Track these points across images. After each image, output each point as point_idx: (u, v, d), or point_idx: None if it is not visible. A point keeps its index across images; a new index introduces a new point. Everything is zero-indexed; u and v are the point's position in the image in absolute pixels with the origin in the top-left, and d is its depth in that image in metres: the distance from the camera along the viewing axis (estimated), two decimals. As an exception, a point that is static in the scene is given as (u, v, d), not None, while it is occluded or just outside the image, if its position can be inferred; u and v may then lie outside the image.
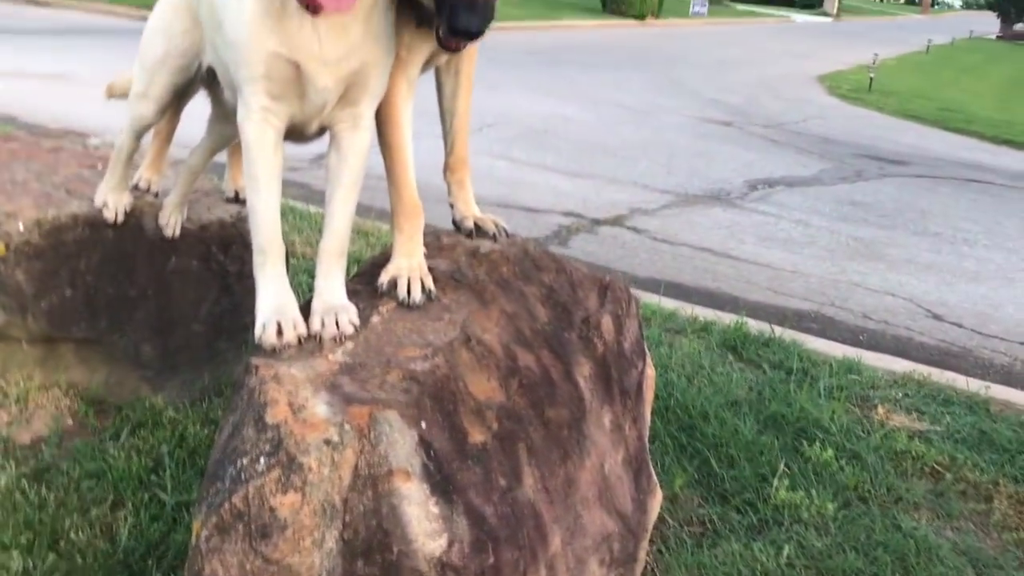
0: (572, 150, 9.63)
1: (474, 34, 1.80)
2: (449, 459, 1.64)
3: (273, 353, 1.72)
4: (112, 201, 2.66)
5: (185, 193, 2.73)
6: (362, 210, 5.42)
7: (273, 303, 1.81)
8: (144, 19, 2.59)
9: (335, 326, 1.78)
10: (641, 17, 32.46)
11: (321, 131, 1.99)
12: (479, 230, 2.25)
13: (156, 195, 2.81)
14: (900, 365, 4.20)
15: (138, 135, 2.54)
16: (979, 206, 9.17)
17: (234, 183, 3.00)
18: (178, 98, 2.47)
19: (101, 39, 14.04)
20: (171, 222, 2.73)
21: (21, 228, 2.59)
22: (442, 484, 1.60)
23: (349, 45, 1.75)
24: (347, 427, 1.53)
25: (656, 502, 2.41)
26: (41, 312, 2.67)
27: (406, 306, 1.90)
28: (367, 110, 1.91)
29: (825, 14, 52.20)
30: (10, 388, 2.78)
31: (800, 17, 47.47)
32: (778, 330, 4.34)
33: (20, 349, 2.77)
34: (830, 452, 3.14)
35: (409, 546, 1.54)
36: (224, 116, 2.45)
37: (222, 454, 1.58)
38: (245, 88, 1.78)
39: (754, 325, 4.37)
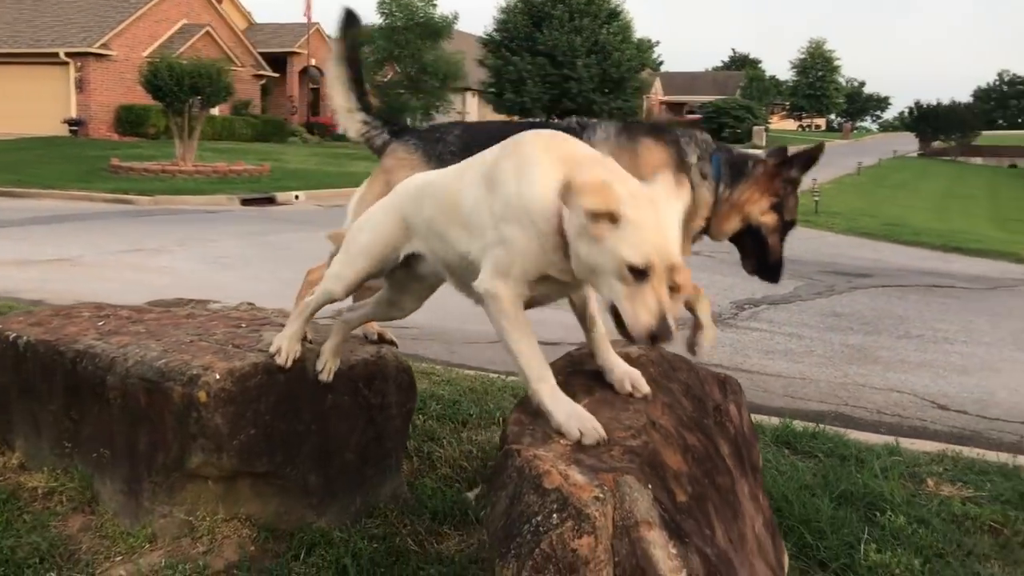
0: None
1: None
2: (672, 512, 2.08)
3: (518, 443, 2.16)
4: (285, 348, 3.10)
5: (339, 343, 3.17)
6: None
7: (566, 411, 2.23)
8: (120, 202, 3.06)
9: (635, 380, 2.44)
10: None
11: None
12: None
13: (311, 342, 3.26)
14: (932, 446, 4.70)
15: (323, 305, 2.99)
16: (949, 308, 9.90)
17: (369, 328, 3.47)
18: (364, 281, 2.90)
19: (91, 223, 14.59)
20: (327, 368, 3.16)
21: (217, 377, 3.02)
22: (676, 531, 2.03)
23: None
24: (604, 487, 1.97)
25: (786, 563, 2.82)
26: (234, 450, 3.05)
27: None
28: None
29: (755, 146, 55.01)
30: (200, 523, 3.13)
31: (733, 151, 49.84)
32: (817, 427, 4.83)
33: (206, 487, 3.14)
34: (901, 519, 3.58)
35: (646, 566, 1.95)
36: (393, 299, 2.95)
37: (507, 519, 1.99)
38: (510, 279, 2.24)
39: (797, 424, 4.85)
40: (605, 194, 1.98)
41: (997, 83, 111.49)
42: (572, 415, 2.21)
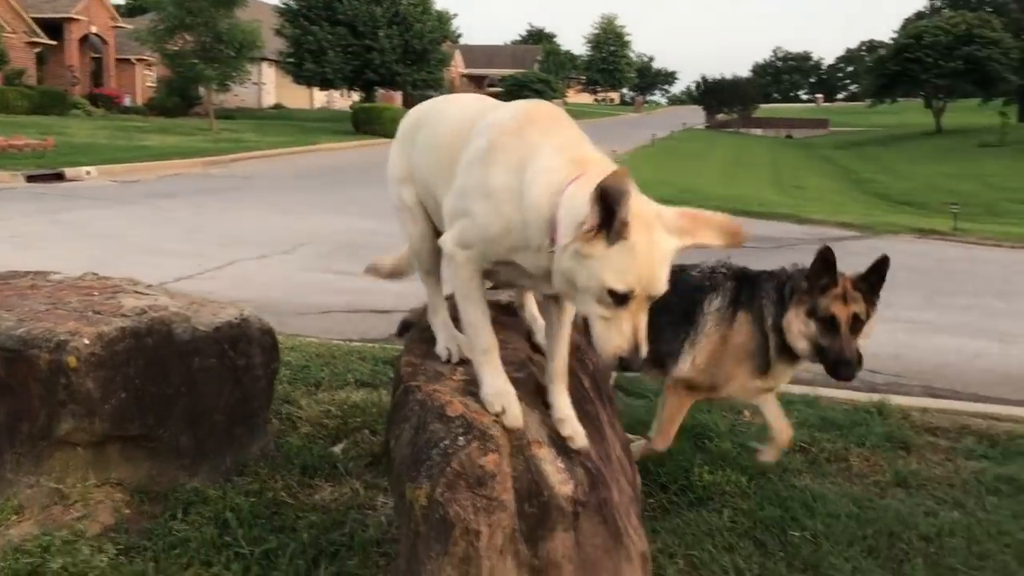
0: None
1: (852, 377, 3.30)
2: (556, 432, 2.33)
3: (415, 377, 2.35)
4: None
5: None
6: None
7: (496, 387, 2.30)
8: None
9: (580, 440, 2.36)
10: (392, 135, 33.96)
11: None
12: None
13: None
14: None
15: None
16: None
17: None
18: None
19: None
20: None
21: (87, 342, 3.00)
22: (562, 448, 2.29)
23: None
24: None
25: (639, 483, 3.15)
26: (106, 414, 3.05)
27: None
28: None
29: (555, 119, 56.39)
30: (70, 490, 3.11)
31: (534, 124, 50.93)
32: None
33: (75, 454, 3.12)
34: (727, 444, 4.03)
35: (551, 491, 2.20)
36: None
37: (414, 447, 2.17)
38: (471, 251, 2.26)
39: (627, 369, 5.25)
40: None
41: (772, 59, 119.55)
42: (501, 393, 2.29)
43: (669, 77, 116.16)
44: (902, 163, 32.61)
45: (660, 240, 1.98)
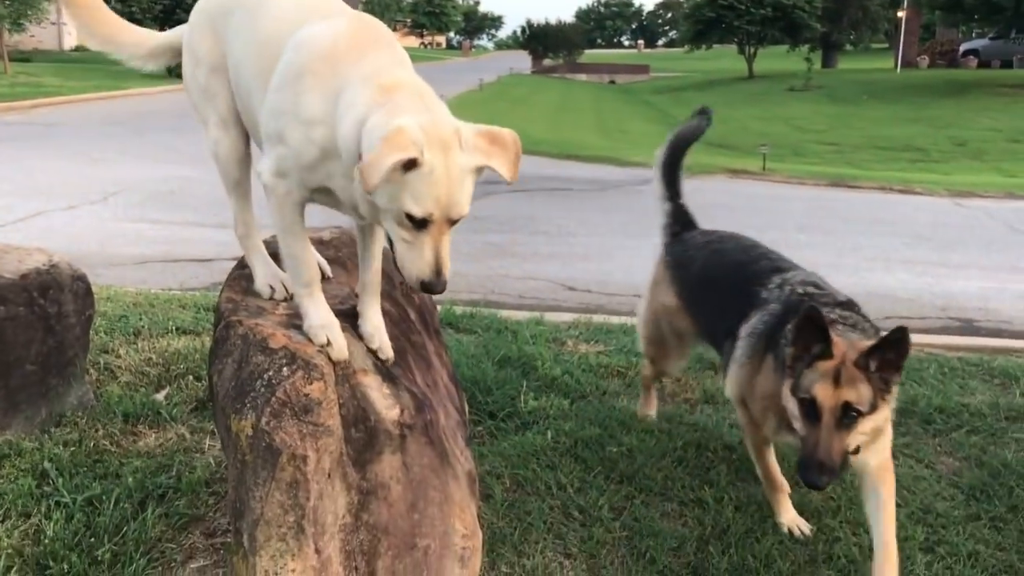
0: (207, 206, 9.96)
1: (821, 488, 2.60)
2: (381, 361, 2.40)
3: (236, 313, 2.35)
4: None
5: None
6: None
7: (321, 319, 2.30)
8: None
9: (387, 351, 2.42)
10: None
11: None
12: None
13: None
14: (566, 317, 5.45)
15: None
16: (569, 207, 11.09)
17: None
18: None
19: None
20: None
21: None
22: (387, 375, 2.35)
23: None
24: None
25: (466, 409, 3.27)
26: (-101, 366, 2.88)
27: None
28: None
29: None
30: None
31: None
32: (474, 309, 5.39)
33: None
34: (553, 371, 4.21)
35: (378, 416, 2.27)
36: None
37: (237, 380, 2.18)
38: (289, 180, 2.22)
39: (457, 308, 5.37)
40: (398, 143, 1.87)
41: (595, 5, 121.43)
42: (326, 325, 2.30)
43: (496, 22, 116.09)
44: (718, 107, 33.62)
45: (457, 161, 1.94)
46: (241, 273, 2.69)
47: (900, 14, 43.13)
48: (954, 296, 7.12)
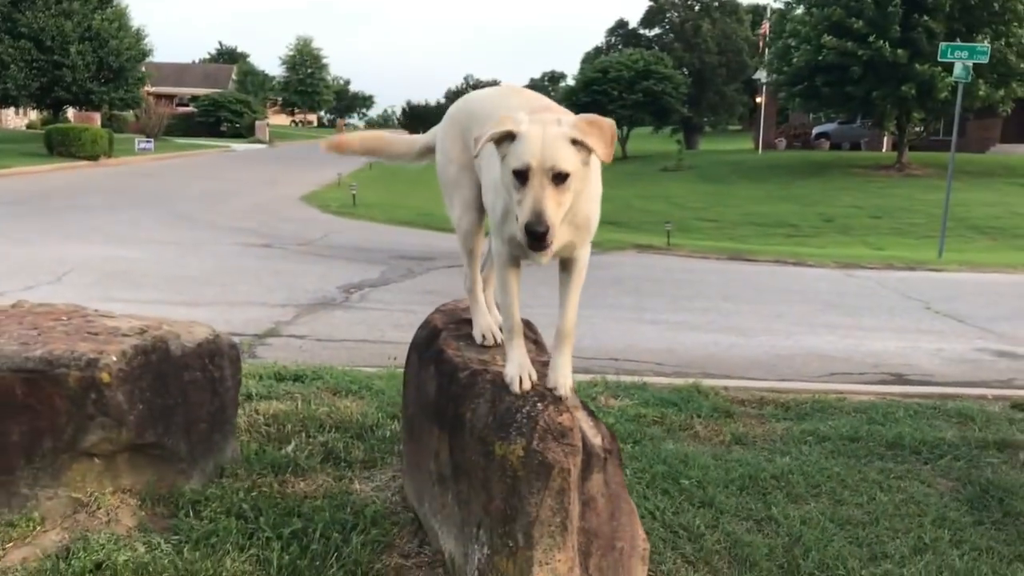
0: (166, 284, 10.23)
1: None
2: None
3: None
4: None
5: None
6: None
7: (519, 364, 2.93)
8: None
9: (562, 389, 2.90)
10: (95, 158, 32.12)
11: None
12: None
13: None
14: (585, 377, 6.16)
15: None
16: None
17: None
18: None
19: None
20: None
21: (115, 359, 3.26)
22: (590, 412, 3.01)
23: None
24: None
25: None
26: (131, 425, 3.31)
27: None
28: (581, 254, 2.92)
29: (260, 141, 55.63)
30: (89, 499, 3.34)
31: (239, 146, 49.96)
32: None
33: (91, 466, 3.35)
34: (608, 420, 4.89)
35: (590, 442, 2.92)
36: None
37: (495, 415, 2.79)
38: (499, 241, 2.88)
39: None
40: (500, 123, 2.55)
41: (464, 86, 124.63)
42: (523, 366, 2.95)
43: (367, 100, 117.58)
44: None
45: (551, 131, 2.50)
46: (451, 335, 3.29)
47: (759, 100, 46.60)
48: (879, 354, 8.18)
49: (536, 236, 2.43)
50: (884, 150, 41.37)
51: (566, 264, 2.97)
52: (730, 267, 14.44)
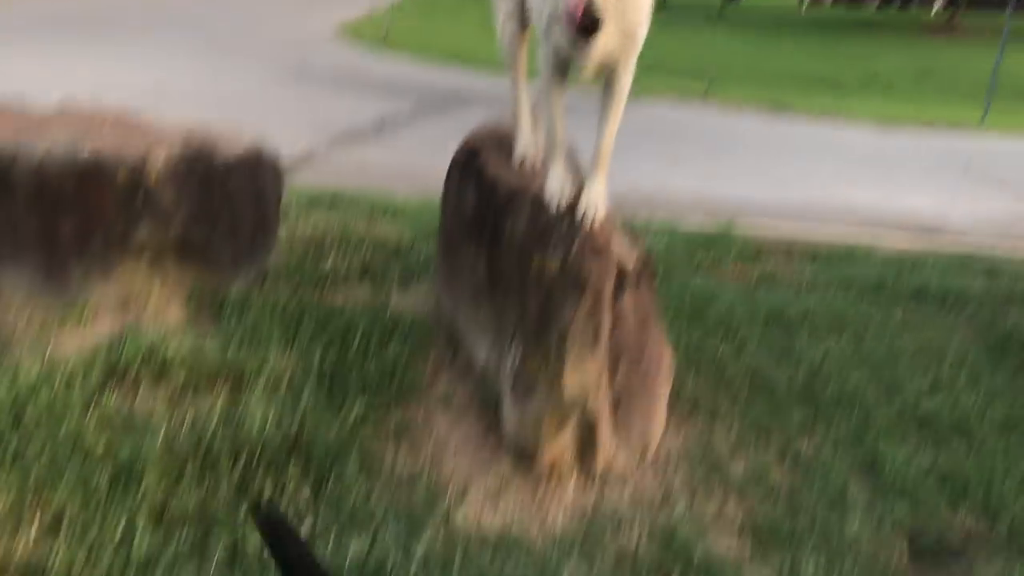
0: (200, 110, 10.07)
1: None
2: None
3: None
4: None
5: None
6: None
7: (559, 181, 2.95)
8: None
9: (591, 212, 2.89)
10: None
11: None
12: None
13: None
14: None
15: None
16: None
17: None
18: None
19: None
20: None
21: (162, 159, 3.34)
22: (629, 233, 3.07)
23: (602, 48, 2.66)
24: (595, 205, 2.95)
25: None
26: (178, 223, 3.42)
27: None
28: (624, 71, 2.85)
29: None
30: (138, 294, 3.49)
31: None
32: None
33: (139, 264, 3.48)
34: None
35: (623, 262, 2.98)
36: None
37: (534, 230, 2.87)
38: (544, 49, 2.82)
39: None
40: None
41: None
42: (563, 183, 2.97)
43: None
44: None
45: None
46: (493, 147, 3.33)
47: (809, -50, 44.46)
48: (913, 210, 8.12)
49: (585, 23, 2.41)
50: (936, 8, 39.65)
51: (607, 86, 2.94)
52: (769, 120, 14.18)
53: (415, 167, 8.16)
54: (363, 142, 9.25)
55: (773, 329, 4.29)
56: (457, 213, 3.45)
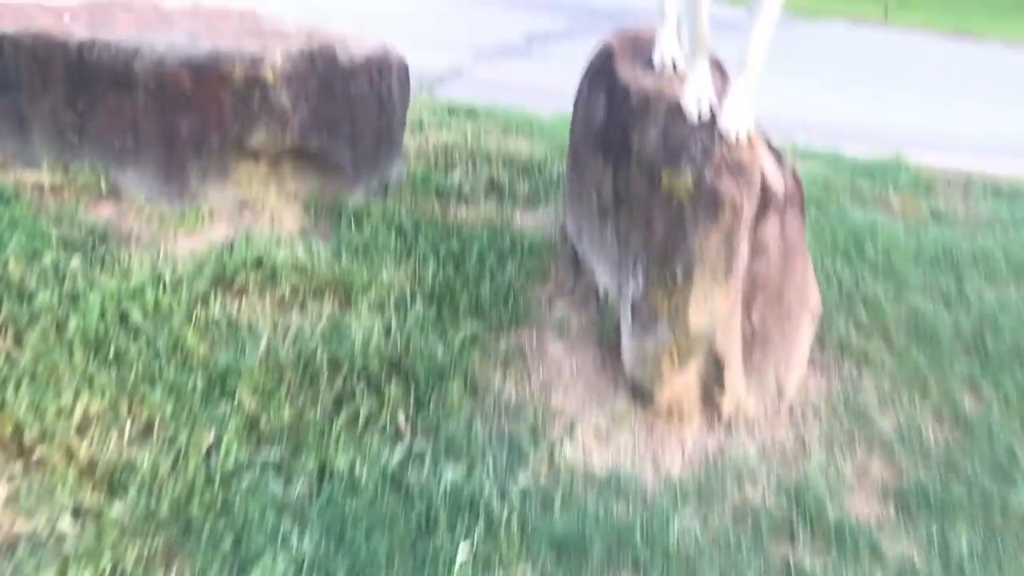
0: (345, 20, 10.13)
1: None
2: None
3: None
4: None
5: None
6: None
7: (699, 88, 2.63)
8: None
9: (734, 124, 2.55)
10: None
11: None
12: None
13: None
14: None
15: None
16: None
17: None
18: None
19: None
20: None
21: (280, 59, 3.18)
22: (778, 153, 2.70)
23: None
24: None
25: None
26: (295, 127, 3.28)
27: None
28: None
29: None
30: (254, 200, 3.39)
31: None
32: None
33: (256, 168, 3.37)
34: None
35: (769, 182, 2.62)
36: None
37: (665, 144, 2.56)
38: None
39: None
40: None
41: None
42: (701, 94, 2.63)
43: None
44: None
45: None
46: (624, 53, 3.00)
47: None
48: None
49: None
50: None
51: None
52: (952, 46, 12.97)
53: (564, 86, 7.84)
54: (511, 58, 8.97)
55: (941, 270, 3.81)
56: (586, 123, 3.15)
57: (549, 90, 7.68)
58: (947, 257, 3.92)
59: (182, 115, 3.27)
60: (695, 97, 2.63)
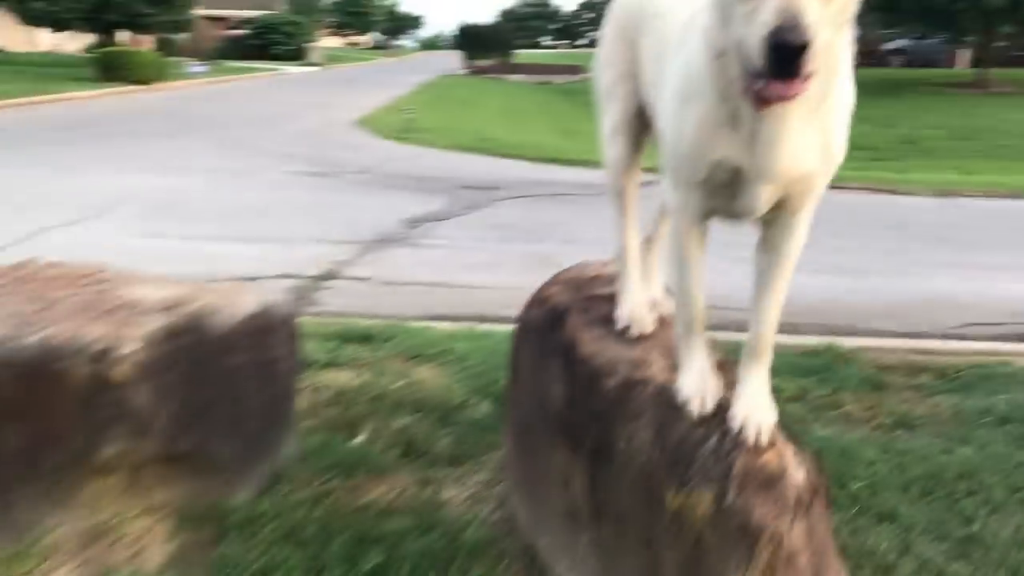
0: (218, 218, 9.52)
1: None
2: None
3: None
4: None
5: None
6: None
7: (699, 374, 2.08)
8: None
9: (754, 422, 2.01)
10: (146, 82, 31.46)
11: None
12: None
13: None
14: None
15: None
16: (582, 213, 10.89)
17: None
18: None
19: None
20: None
21: (134, 348, 2.46)
22: (798, 450, 2.14)
23: (795, 153, 1.76)
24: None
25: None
26: (157, 432, 2.54)
27: None
28: (805, 216, 1.97)
29: (312, 64, 54.60)
30: (109, 524, 2.58)
31: (292, 68, 49.01)
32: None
33: (109, 483, 2.58)
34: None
35: (794, 482, 2.05)
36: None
37: (663, 449, 1.95)
38: (680, 186, 1.93)
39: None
40: None
41: (517, 5, 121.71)
42: (702, 387, 2.09)
43: (416, 21, 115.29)
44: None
45: None
46: (583, 320, 2.43)
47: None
48: (1014, 299, 7.13)
49: (786, 51, 1.44)
50: (960, 67, 39.07)
51: (773, 238, 2.03)
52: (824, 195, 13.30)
53: (453, 276, 7.32)
54: (392, 247, 8.45)
55: (936, 502, 3.32)
56: (537, 400, 2.54)
57: (438, 282, 7.19)
58: (936, 483, 3.44)
59: (7, 429, 2.48)
60: (697, 389, 2.06)
